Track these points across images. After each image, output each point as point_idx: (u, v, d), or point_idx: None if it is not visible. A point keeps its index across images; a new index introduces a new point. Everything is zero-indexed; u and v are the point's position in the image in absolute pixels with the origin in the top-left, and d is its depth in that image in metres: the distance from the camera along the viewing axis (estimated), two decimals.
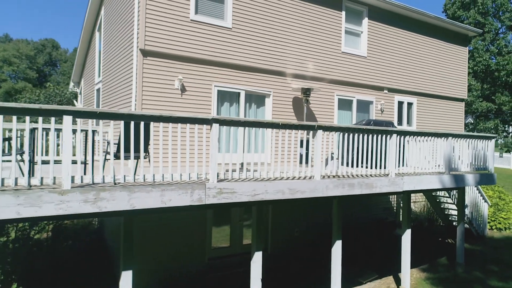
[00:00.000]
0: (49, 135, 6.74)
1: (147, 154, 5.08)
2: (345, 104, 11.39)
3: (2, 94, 52.23)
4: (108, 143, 5.17)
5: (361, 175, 6.94)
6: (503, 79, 32.95)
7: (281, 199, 5.80)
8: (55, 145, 5.08)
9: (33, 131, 4.64)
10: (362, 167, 6.92)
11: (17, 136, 4.45)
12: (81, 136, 5.95)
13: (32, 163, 4.15)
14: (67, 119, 4.13)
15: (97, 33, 12.29)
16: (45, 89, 17.17)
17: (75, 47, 75.32)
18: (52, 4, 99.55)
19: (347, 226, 9.64)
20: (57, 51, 71.64)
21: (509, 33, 35.48)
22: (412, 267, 8.95)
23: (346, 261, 8.19)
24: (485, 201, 12.36)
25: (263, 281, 6.35)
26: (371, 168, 7.10)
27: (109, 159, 5.48)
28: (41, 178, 4.14)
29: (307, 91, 9.97)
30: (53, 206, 4.03)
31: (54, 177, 4.22)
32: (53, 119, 4.16)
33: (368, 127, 6.89)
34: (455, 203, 11.34)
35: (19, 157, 4.57)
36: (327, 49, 10.80)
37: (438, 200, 12.09)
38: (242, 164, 6.79)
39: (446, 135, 8.24)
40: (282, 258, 9.71)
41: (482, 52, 33.00)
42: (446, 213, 12.28)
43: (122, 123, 4.61)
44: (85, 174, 4.86)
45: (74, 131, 6.79)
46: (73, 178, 4.29)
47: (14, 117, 3.96)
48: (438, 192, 11.90)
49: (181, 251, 8.45)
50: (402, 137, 7.53)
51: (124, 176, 4.59)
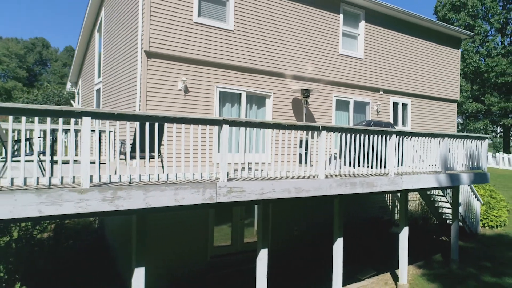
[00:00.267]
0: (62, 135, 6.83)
1: (159, 154, 5.22)
2: (342, 105, 11.63)
3: None
4: (123, 143, 5.30)
5: (363, 174, 7.16)
6: (492, 80, 33.69)
7: (287, 198, 5.98)
8: (69, 145, 5.19)
9: (52, 131, 4.75)
10: (363, 166, 7.14)
11: (38, 137, 4.55)
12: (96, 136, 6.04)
13: (52, 162, 4.27)
14: (86, 120, 4.26)
15: (97, 33, 12.34)
16: (43, 89, 17.17)
17: (66, 46, 74.61)
18: (43, 2, 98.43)
19: (344, 225, 9.83)
20: (47, 50, 70.88)
21: (497, 35, 36.25)
22: (408, 263, 9.21)
23: (345, 259, 8.39)
24: (478, 199, 12.72)
25: (268, 277, 6.53)
26: (371, 167, 7.32)
27: (123, 159, 5.62)
28: (62, 178, 4.26)
29: (306, 92, 10.18)
30: (73, 204, 4.16)
31: (74, 177, 4.34)
32: (72, 120, 4.29)
33: (370, 127, 7.11)
34: (450, 201, 11.65)
35: (39, 157, 4.67)
36: (325, 51, 11.03)
37: (432, 199, 12.41)
38: (248, 164, 6.98)
39: (443, 135, 8.52)
40: (283, 257, 9.89)
41: (472, 53, 33.68)
42: (440, 211, 12.60)
43: (137, 124, 4.75)
44: (99, 173, 4.97)
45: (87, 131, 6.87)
46: (91, 177, 4.42)
47: (36, 118, 4.07)
48: (433, 191, 12.21)
49: (184, 250, 8.59)
50: (401, 137, 7.78)
51: (140, 175, 4.73)
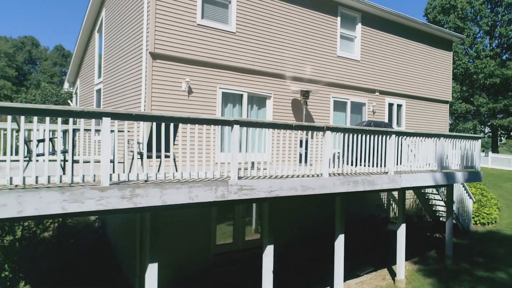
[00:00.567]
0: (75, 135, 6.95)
1: (169, 154, 5.39)
2: (340, 106, 11.90)
3: None
4: (139, 143, 5.46)
5: (364, 173, 7.42)
6: (481, 81, 34.42)
7: (294, 195, 6.20)
8: (84, 144, 5.32)
9: (73, 131, 4.89)
10: (364, 165, 7.39)
11: (61, 137, 4.69)
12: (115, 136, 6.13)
13: (73, 161, 4.41)
14: (106, 120, 4.42)
15: (97, 34, 12.41)
16: (41, 89, 17.17)
17: (55, 44, 73.87)
18: (32, 1, 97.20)
19: None
20: (37, 48, 70.06)
21: (486, 38, 37.03)
22: (404, 260, 9.50)
23: (344, 255, 8.64)
24: (470, 197, 13.11)
25: (274, 273, 6.75)
26: (372, 166, 7.58)
27: (138, 158, 5.78)
28: (83, 176, 4.41)
29: (306, 93, 10.42)
30: (94, 202, 4.31)
31: (94, 175, 4.50)
32: (93, 120, 4.44)
33: (371, 128, 7.38)
34: (444, 199, 12.01)
35: (61, 156, 4.80)
36: (324, 53, 11.28)
37: (426, 197, 12.76)
38: (253, 163, 7.18)
39: (439, 135, 8.83)
40: (282, 254, 10.10)
41: (461, 55, 34.34)
42: (434, 209, 12.96)
43: (154, 124, 4.91)
44: (113, 171, 5.12)
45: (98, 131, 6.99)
46: (111, 175, 4.58)
47: (59, 119, 4.22)
48: (427, 190, 12.56)
49: (188, 248, 8.74)
50: (400, 137, 8.06)
51: (156, 173, 4.90)
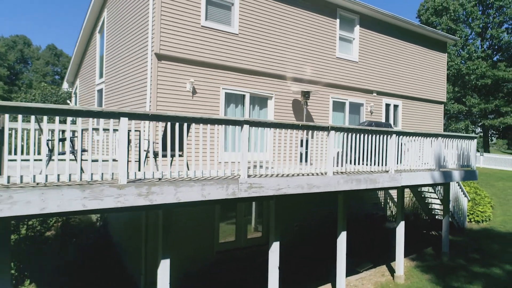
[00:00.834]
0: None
1: (182, 153, 5.54)
2: (338, 106, 12.13)
3: None
4: (155, 142, 5.60)
5: (366, 171, 7.64)
6: (473, 82, 35.00)
7: (300, 193, 6.39)
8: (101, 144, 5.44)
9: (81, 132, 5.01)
10: (366, 164, 7.61)
11: (78, 136, 4.82)
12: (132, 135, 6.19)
13: (90, 160, 4.55)
14: (124, 120, 4.56)
15: (98, 34, 12.48)
16: (41, 89, 17.18)
17: (48, 44, 73.23)
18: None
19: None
20: (29, 48, 69.40)
21: (478, 39, 37.65)
22: None
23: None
24: (465, 196, 13.44)
25: (280, 269, 6.93)
26: (373, 165, 7.81)
27: (148, 157, 5.92)
28: (102, 174, 4.55)
29: (306, 94, 10.62)
30: (112, 199, 4.45)
31: (113, 173, 4.64)
32: (111, 120, 4.58)
33: (373, 128, 7.60)
34: (440, 198, 12.30)
35: (82, 154, 4.92)
36: (323, 54, 11.50)
37: (423, 196, 13.06)
38: (260, 162, 7.35)
39: (436, 135, 9.09)
40: (283, 251, 10.28)
41: (454, 56, 34.88)
42: (429, 207, 13.26)
43: (169, 124, 5.06)
44: (124, 170, 5.26)
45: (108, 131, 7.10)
46: (128, 174, 4.72)
47: (80, 119, 4.36)
48: (423, 188, 12.84)
49: (193, 245, 8.88)
50: (400, 137, 8.30)
51: (170, 172, 5.05)
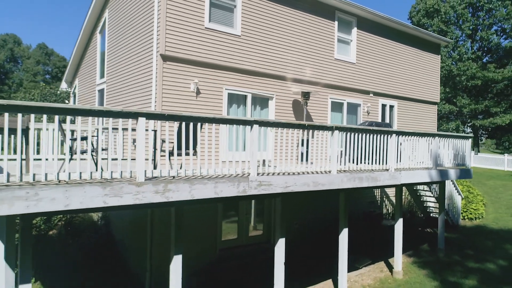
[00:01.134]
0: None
1: (195, 152, 5.71)
2: (337, 106, 12.38)
3: None
4: (164, 141, 5.76)
5: (368, 170, 7.88)
6: (464, 83, 35.65)
7: (306, 191, 6.60)
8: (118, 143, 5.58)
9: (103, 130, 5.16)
10: (368, 163, 7.85)
11: (95, 135, 4.96)
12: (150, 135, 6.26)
13: (110, 159, 4.70)
14: (141, 120, 4.72)
15: (99, 35, 12.55)
16: (40, 89, 17.17)
17: (38, 43, 72.45)
18: None
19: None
20: (19, 46, 68.63)
21: (468, 41, 38.34)
22: None
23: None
24: (459, 194, 13.80)
25: (286, 265, 7.13)
26: (373, 164, 8.05)
27: (163, 156, 6.08)
28: (121, 172, 4.70)
29: (306, 95, 10.85)
30: (131, 196, 4.61)
31: (131, 171, 4.79)
32: (130, 120, 4.73)
33: (374, 128, 7.85)
34: (435, 196, 12.63)
35: (101, 153, 5.06)
36: (322, 55, 11.74)
37: (418, 194, 13.38)
38: (264, 161, 7.56)
39: (434, 135, 9.38)
40: (286, 250, 10.49)
41: (445, 58, 35.48)
42: (425, 205, 13.60)
43: (183, 124, 5.23)
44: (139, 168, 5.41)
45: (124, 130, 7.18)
46: (145, 172, 4.88)
47: (100, 119, 4.50)
48: (419, 187, 13.17)
49: (197, 243, 9.03)
50: (399, 136, 8.57)
51: (185, 170, 5.22)
